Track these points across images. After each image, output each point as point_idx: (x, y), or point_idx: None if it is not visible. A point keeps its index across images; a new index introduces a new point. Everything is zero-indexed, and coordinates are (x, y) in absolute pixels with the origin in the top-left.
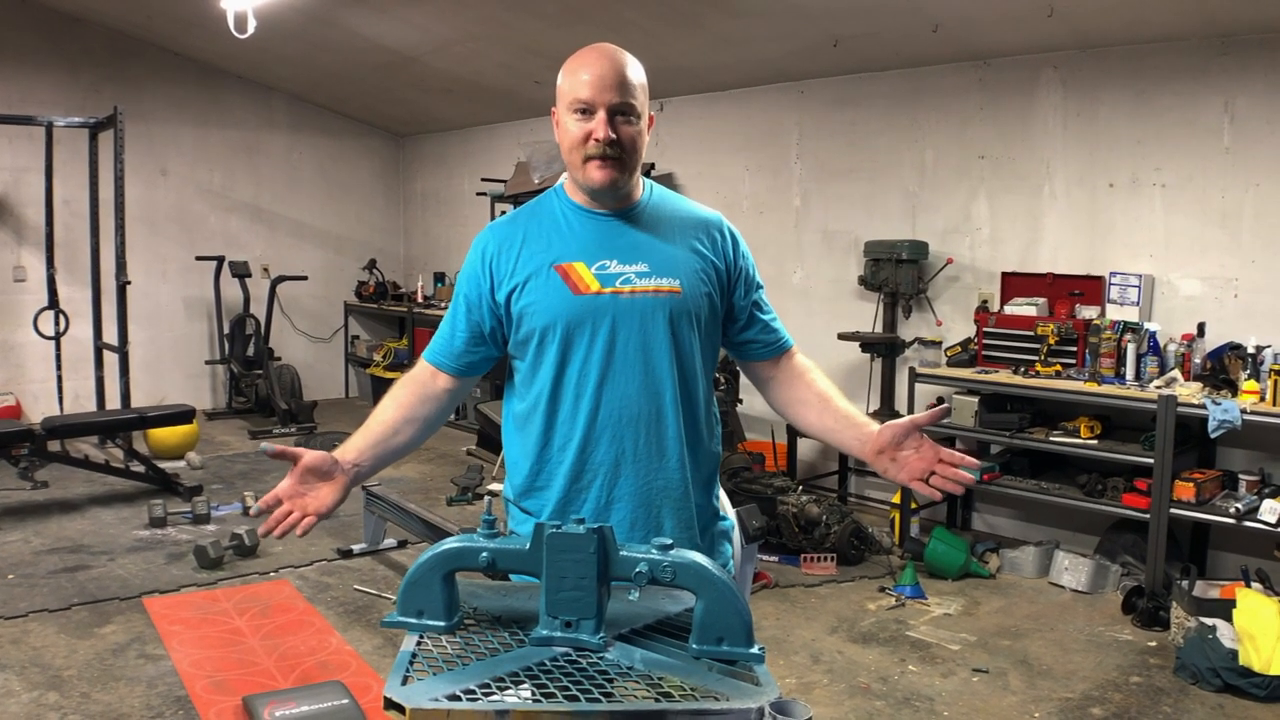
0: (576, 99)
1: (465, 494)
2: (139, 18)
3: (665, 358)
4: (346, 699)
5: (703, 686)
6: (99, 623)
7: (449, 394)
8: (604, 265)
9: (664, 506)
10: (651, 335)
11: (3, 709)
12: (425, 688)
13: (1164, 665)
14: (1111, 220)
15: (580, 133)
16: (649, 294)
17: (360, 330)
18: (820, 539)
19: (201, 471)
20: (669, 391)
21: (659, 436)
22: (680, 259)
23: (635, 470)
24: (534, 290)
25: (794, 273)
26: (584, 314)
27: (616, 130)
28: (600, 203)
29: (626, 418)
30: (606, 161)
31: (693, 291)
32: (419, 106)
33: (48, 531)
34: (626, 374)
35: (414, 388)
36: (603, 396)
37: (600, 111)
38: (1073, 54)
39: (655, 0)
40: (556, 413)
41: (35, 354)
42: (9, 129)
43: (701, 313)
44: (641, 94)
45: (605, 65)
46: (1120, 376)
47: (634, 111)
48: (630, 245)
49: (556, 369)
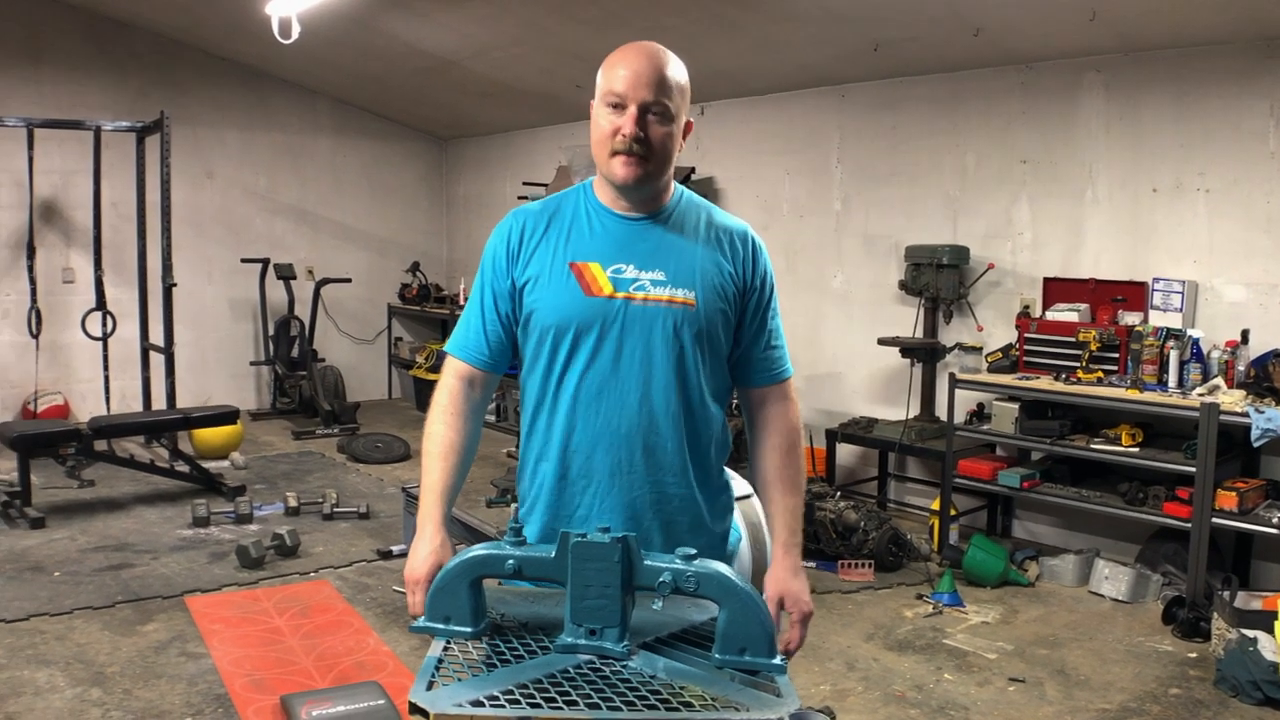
0: (610, 91)
1: (504, 496)
2: (185, 23)
3: (671, 371)
4: (383, 699)
5: (724, 696)
6: (142, 620)
7: (484, 396)
8: (620, 269)
9: (655, 522)
10: (659, 346)
11: (47, 704)
12: (450, 693)
13: (1204, 677)
14: (1154, 225)
15: (610, 126)
16: (662, 304)
17: (403, 332)
18: (858, 545)
19: (245, 472)
20: (670, 406)
21: (656, 450)
22: (700, 270)
23: (630, 483)
24: (546, 286)
25: (834, 277)
26: (593, 317)
27: (646, 128)
28: (626, 203)
29: (624, 429)
30: (632, 158)
31: (708, 305)
32: (460, 110)
33: (93, 530)
34: (629, 383)
35: (452, 410)
36: (602, 404)
37: (632, 107)
38: (1115, 57)
39: (695, 5)
40: (554, 415)
41: (83, 354)
42: (58, 133)
43: (715, 327)
44: (679, 96)
45: (644, 62)
46: (1163, 384)
47: (667, 112)
48: (650, 251)
49: (561, 370)
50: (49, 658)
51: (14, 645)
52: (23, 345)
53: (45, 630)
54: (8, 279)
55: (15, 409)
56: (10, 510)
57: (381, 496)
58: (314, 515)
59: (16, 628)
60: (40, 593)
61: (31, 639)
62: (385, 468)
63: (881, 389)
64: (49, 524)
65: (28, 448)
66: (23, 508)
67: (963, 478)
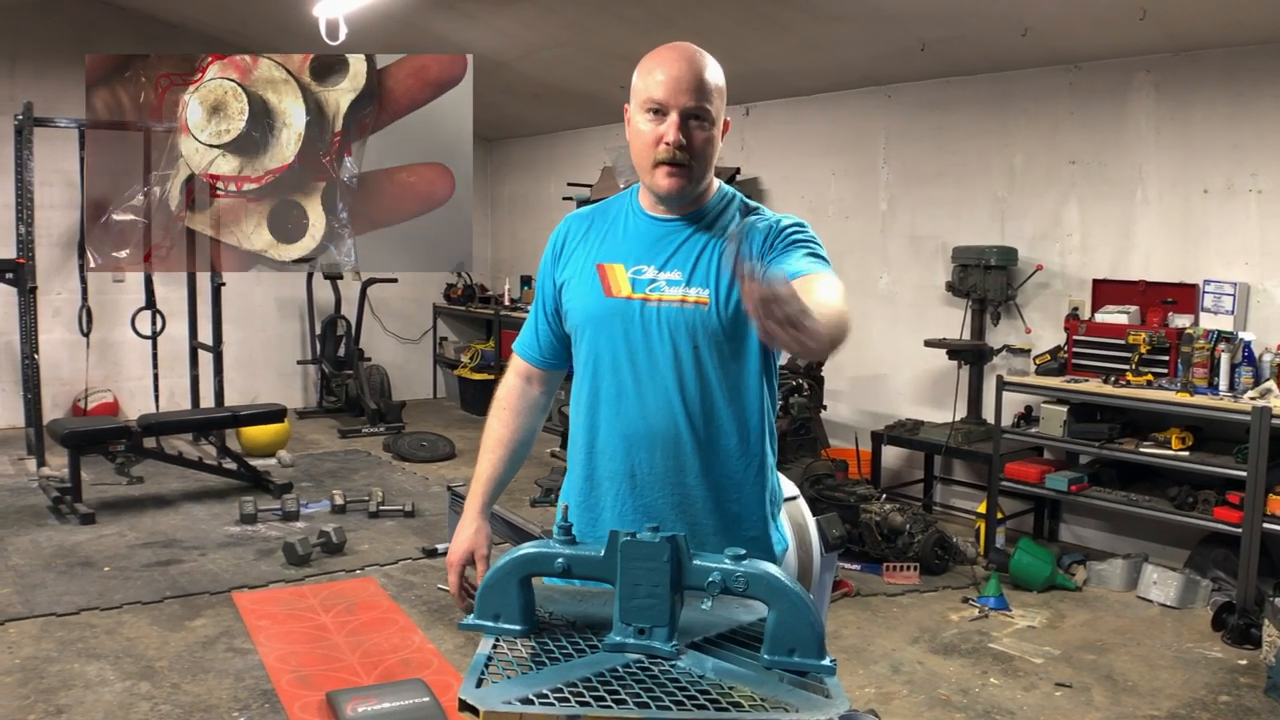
0: (650, 99)
1: (549, 496)
2: (233, 24)
3: (686, 372)
4: (427, 697)
5: (773, 697)
6: (190, 616)
7: (543, 393)
8: (641, 270)
9: (679, 526)
10: (673, 348)
11: (97, 697)
12: (499, 690)
13: (1254, 685)
14: (1206, 227)
15: (652, 135)
16: (674, 304)
17: (448, 332)
18: (903, 548)
19: (292, 469)
20: (688, 407)
21: (676, 453)
22: (720, 268)
23: (650, 485)
24: (577, 285)
25: (880, 278)
26: (609, 317)
27: (689, 134)
28: (665, 207)
29: (642, 431)
30: (676, 169)
31: (723, 303)
32: (507, 111)
33: (142, 526)
34: (646, 384)
35: (506, 406)
36: (621, 405)
37: (673, 114)
38: (1166, 57)
39: (740, 5)
40: (582, 416)
41: (133, 353)
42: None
43: (735, 324)
44: (718, 98)
45: (682, 66)
46: (1213, 387)
47: (708, 116)
48: (675, 251)
49: (584, 369)
50: (99, 651)
51: (65, 639)
52: (74, 343)
53: (95, 624)
54: (59, 278)
55: (66, 406)
56: (61, 506)
57: (427, 495)
58: (360, 513)
59: (67, 621)
60: (90, 587)
61: (82, 633)
62: (430, 466)
63: (928, 391)
64: (99, 520)
65: (78, 445)
66: (73, 504)
67: (1010, 481)
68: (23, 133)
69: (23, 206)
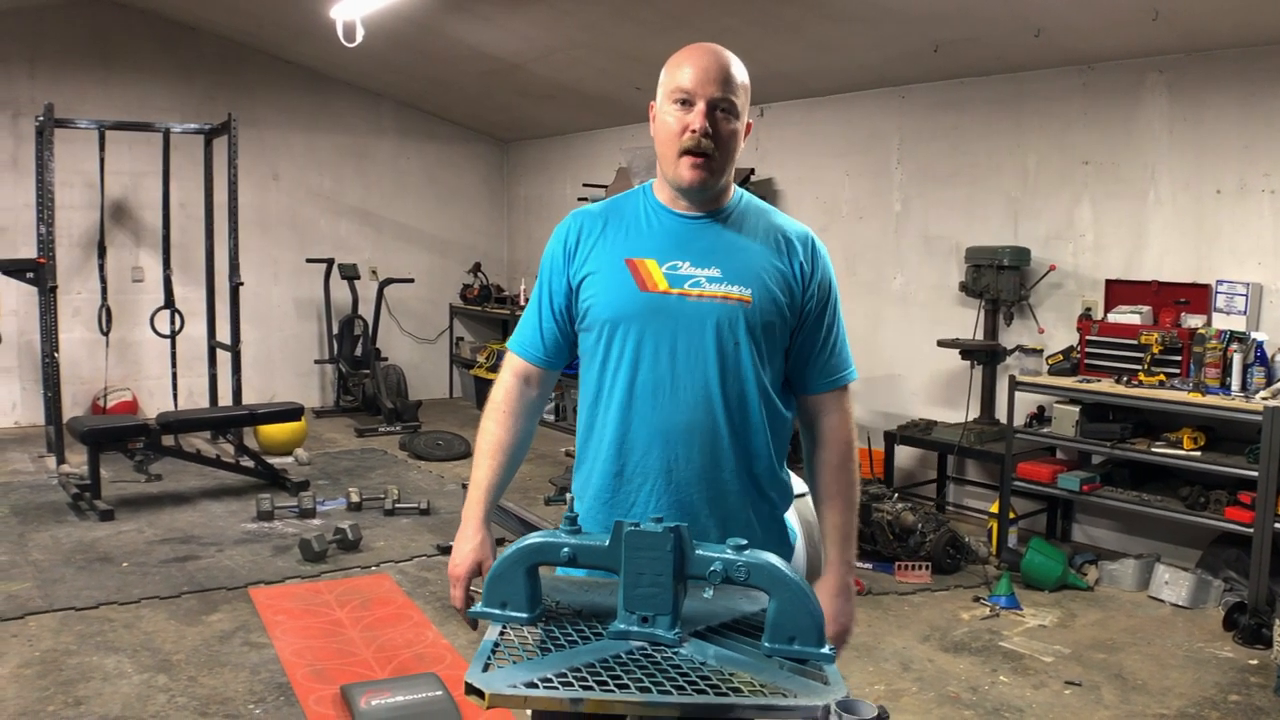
0: (678, 88)
1: (562, 494)
2: (251, 26)
3: (726, 367)
4: (440, 690)
5: (772, 683)
6: (207, 610)
7: (541, 394)
8: (675, 265)
9: (712, 520)
10: (714, 342)
11: (115, 689)
12: (505, 675)
13: (1265, 685)
14: (1218, 227)
15: (678, 124)
16: (717, 300)
17: (465, 332)
18: (915, 547)
19: (308, 468)
20: (727, 402)
21: (713, 447)
22: (756, 268)
23: (686, 480)
24: (602, 281)
25: (893, 278)
26: (647, 312)
27: (715, 125)
28: (686, 203)
29: (680, 425)
30: (700, 160)
31: (764, 303)
32: (522, 112)
33: (160, 522)
34: (684, 379)
35: (505, 409)
36: (657, 400)
37: (700, 103)
38: (1178, 57)
39: (754, 6)
40: (609, 410)
41: (151, 351)
42: (128, 135)
43: (772, 326)
44: (743, 94)
45: (710, 60)
46: (1225, 387)
47: (734, 109)
48: (707, 248)
49: (615, 365)
50: (117, 645)
51: (84, 632)
52: (93, 342)
53: (114, 618)
54: (79, 278)
55: (86, 405)
56: (81, 503)
57: (442, 493)
58: (375, 511)
59: (86, 615)
60: (109, 582)
61: (100, 626)
62: (446, 465)
63: (941, 391)
64: (118, 516)
65: (98, 442)
66: (93, 500)
67: (1022, 480)
68: (44, 134)
69: (44, 207)
